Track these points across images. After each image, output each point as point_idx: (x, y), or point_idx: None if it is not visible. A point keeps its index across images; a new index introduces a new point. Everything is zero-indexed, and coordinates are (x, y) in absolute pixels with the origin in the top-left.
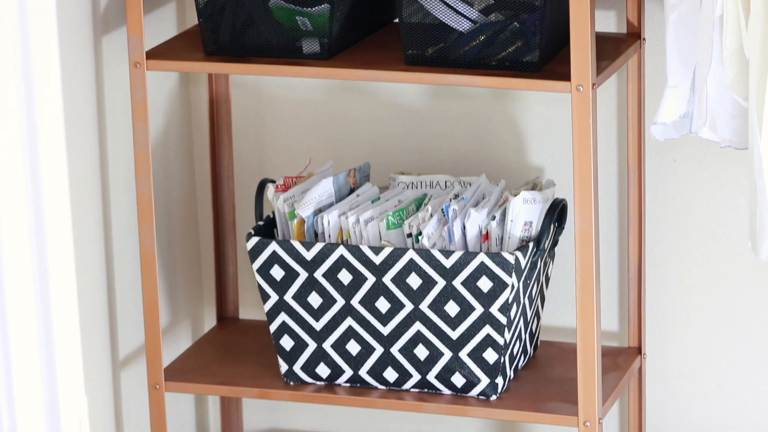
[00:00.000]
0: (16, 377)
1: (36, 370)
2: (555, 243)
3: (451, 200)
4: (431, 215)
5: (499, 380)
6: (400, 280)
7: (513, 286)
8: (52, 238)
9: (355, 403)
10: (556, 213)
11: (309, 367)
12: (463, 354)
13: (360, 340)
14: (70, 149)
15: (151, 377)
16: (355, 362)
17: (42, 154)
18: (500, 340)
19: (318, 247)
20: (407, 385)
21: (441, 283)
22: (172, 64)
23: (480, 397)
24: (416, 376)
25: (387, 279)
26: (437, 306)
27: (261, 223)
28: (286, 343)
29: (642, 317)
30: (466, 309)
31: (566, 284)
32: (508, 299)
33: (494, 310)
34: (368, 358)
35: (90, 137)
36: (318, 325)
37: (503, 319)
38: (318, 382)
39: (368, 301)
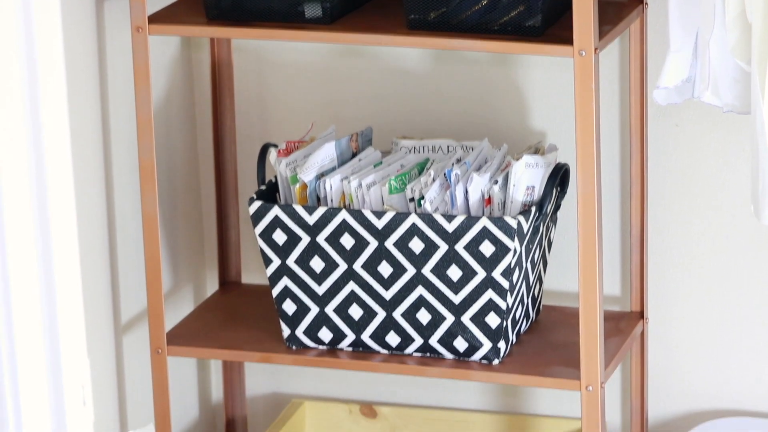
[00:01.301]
0: (19, 343)
1: (39, 335)
2: (557, 207)
3: (453, 165)
4: (434, 180)
5: (502, 344)
6: (402, 244)
7: (515, 251)
8: (54, 203)
9: (357, 368)
10: (559, 177)
11: (311, 332)
12: (466, 318)
13: (362, 304)
14: (73, 114)
15: (154, 342)
16: (358, 326)
17: (44, 119)
18: (502, 305)
19: (320, 211)
20: (409, 350)
21: (443, 247)
22: (174, 28)
23: (482, 361)
24: (418, 341)
25: (389, 243)
26: (439, 270)
27: (263, 187)
28: (289, 307)
29: (644, 282)
30: (468, 273)
31: (569, 249)
32: (510, 264)
33: (496, 274)
34: (370, 323)
35: (92, 102)
36: (320, 290)
37: (505, 284)
38: (320, 347)
39: (370, 266)
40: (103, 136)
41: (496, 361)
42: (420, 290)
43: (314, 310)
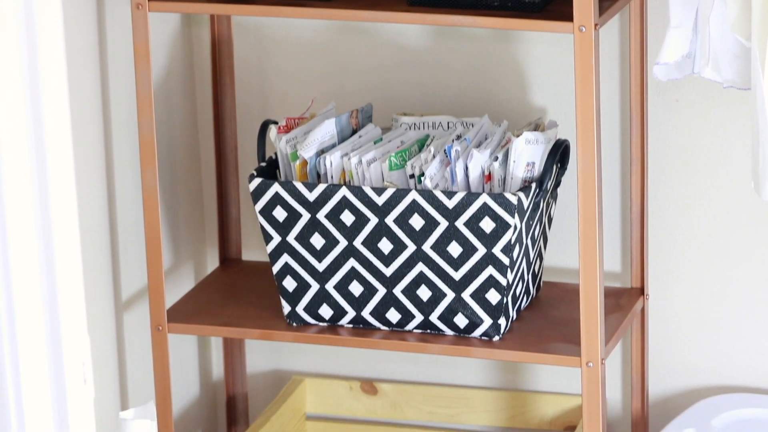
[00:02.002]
0: (19, 320)
1: (39, 312)
2: (557, 184)
3: (453, 141)
4: (434, 156)
5: (502, 321)
6: (402, 221)
7: (515, 227)
8: (54, 180)
9: (357, 344)
10: (559, 154)
11: (311, 309)
12: (466, 295)
13: (362, 281)
14: (73, 92)
15: (154, 319)
16: (358, 303)
17: (43, 97)
18: (503, 281)
19: (320, 188)
20: (410, 326)
21: (443, 223)
22: (174, 5)
23: (483, 337)
24: (419, 317)
25: (389, 220)
26: (440, 247)
27: (263, 164)
28: (289, 284)
29: (644, 258)
30: (468, 250)
31: (569, 225)
32: (510, 240)
33: (497, 250)
34: (371, 299)
35: (92, 79)
36: (320, 266)
37: (506, 260)
38: (320, 323)
39: (371, 242)
40: (103, 114)
41: (496, 338)
42: (420, 267)
43: (314, 286)
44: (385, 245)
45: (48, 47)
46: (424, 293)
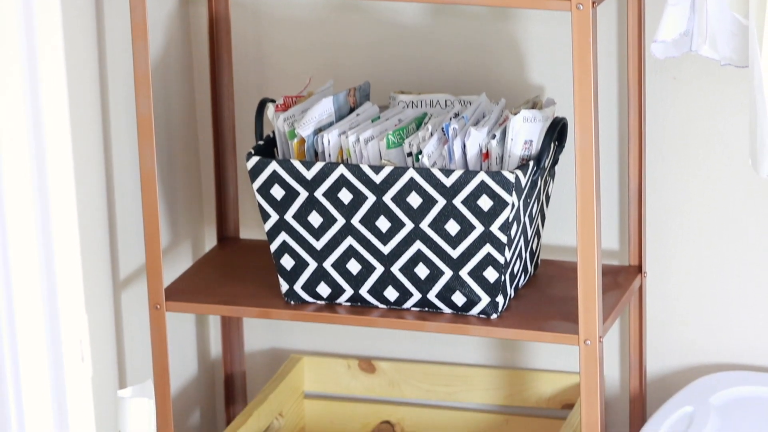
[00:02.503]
0: (17, 298)
1: (37, 291)
2: (555, 162)
3: (451, 119)
4: (431, 134)
5: (500, 299)
6: (400, 199)
7: (513, 205)
8: (52, 158)
9: (355, 322)
10: (557, 131)
11: (309, 287)
12: (464, 273)
13: (360, 259)
14: (70, 70)
15: (152, 297)
16: (356, 281)
17: (41, 75)
18: (500, 259)
19: (318, 166)
20: (408, 304)
21: (441, 202)
22: None
23: (480, 315)
24: (417, 295)
25: (387, 198)
26: (437, 225)
27: (261, 142)
28: (287, 262)
29: (642, 236)
30: (466, 228)
31: (567, 203)
32: (508, 218)
33: (494, 228)
34: (369, 277)
35: (89, 58)
36: (318, 245)
37: (503, 238)
38: (318, 302)
39: (368, 220)
40: (101, 92)
41: (494, 316)
42: (418, 245)
43: (312, 265)
44: (383, 223)
45: (45, 25)
46: (421, 271)
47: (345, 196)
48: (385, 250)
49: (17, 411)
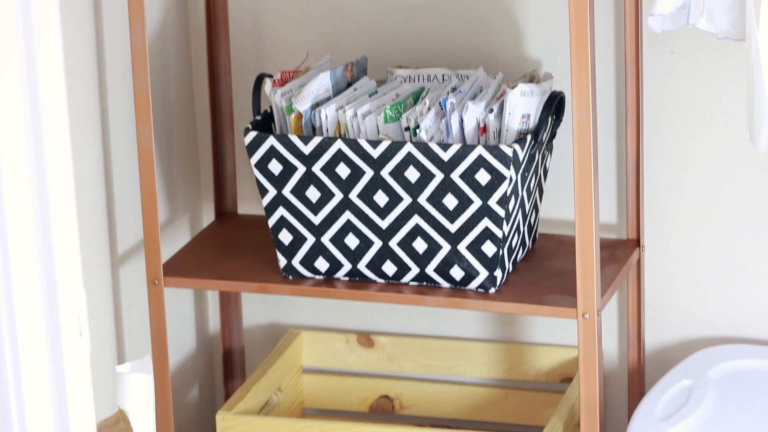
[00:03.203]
0: (15, 274)
1: (34, 267)
2: (553, 136)
3: (448, 93)
4: (429, 108)
5: (498, 273)
6: (398, 173)
7: (511, 179)
8: (49, 134)
9: (354, 297)
10: (554, 105)
11: (308, 262)
12: (462, 247)
13: (358, 233)
14: (67, 46)
15: (150, 273)
16: (354, 256)
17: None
18: (499, 233)
19: (316, 141)
20: (406, 279)
21: (439, 176)
22: None
23: (479, 290)
24: (415, 270)
25: (385, 172)
26: (435, 199)
27: (258, 117)
28: (285, 237)
29: (640, 209)
30: (464, 202)
31: (564, 177)
32: (506, 192)
33: (492, 202)
34: (367, 252)
35: (86, 33)
36: (316, 219)
37: (501, 212)
38: (317, 276)
39: (366, 195)
40: (98, 69)
41: (492, 290)
42: (416, 219)
43: (310, 239)
44: (381, 198)
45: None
46: (420, 246)
47: (343, 170)
48: (384, 224)
49: (15, 387)
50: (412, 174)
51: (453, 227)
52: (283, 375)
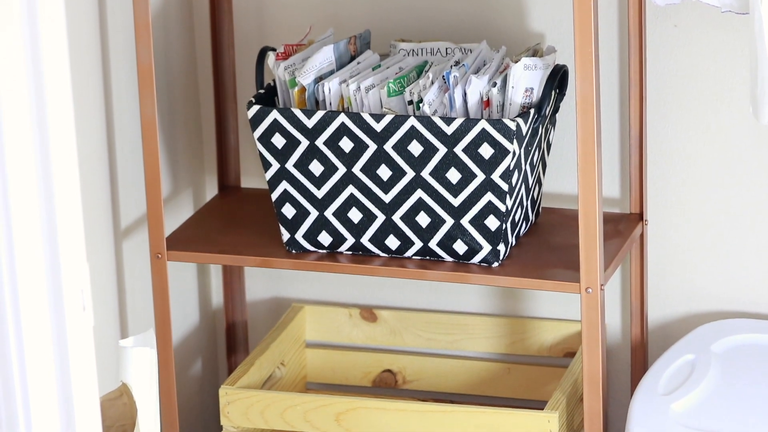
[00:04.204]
0: (18, 248)
1: (38, 241)
2: (556, 109)
3: (451, 67)
4: (432, 82)
5: (501, 247)
6: (401, 147)
7: (514, 153)
8: (52, 107)
9: (357, 271)
10: (557, 79)
11: (311, 236)
12: (465, 221)
13: (362, 207)
14: (70, 19)
15: (153, 247)
16: (357, 230)
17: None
18: (502, 207)
19: (319, 114)
20: (409, 253)
21: (442, 150)
22: None
23: (482, 264)
24: (418, 244)
25: (388, 146)
26: (439, 173)
27: (262, 91)
28: (288, 211)
29: (643, 183)
30: (467, 176)
31: (568, 151)
32: (509, 166)
33: (496, 176)
34: (370, 226)
35: (90, 6)
36: (319, 193)
37: (505, 186)
38: (320, 251)
39: (369, 169)
40: (101, 41)
41: (495, 264)
42: (419, 193)
43: (313, 213)
44: (384, 172)
45: None
46: (423, 220)
47: (346, 144)
48: (387, 198)
49: (19, 361)
50: (415, 148)
51: (456, 201)
52: (286, 349)
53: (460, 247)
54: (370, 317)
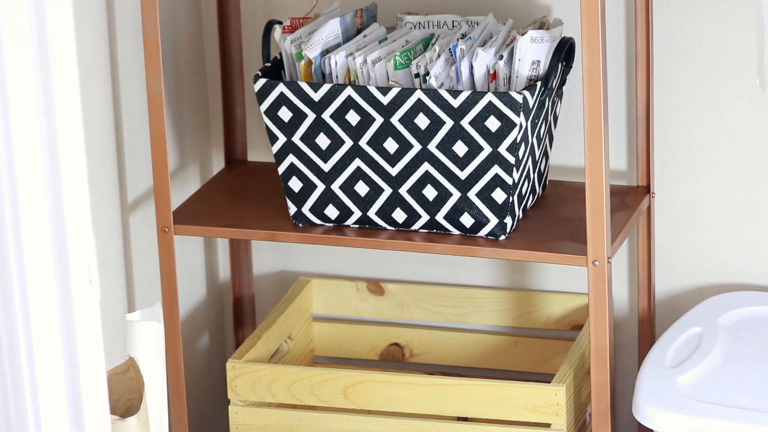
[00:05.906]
0: (24, 220)
1: (44, 214)
2: (563, 82)
3: (458, 40)
4: (439, 55)
5: (508, 220)
6: (408, 120)
7: (521, 126)
8: (58, 82)
9: (363, 245)
10: (564, 52)
11: (317, 209)
12: (472, 194)
13: (368, 181)
14: None
15: (160, 220)
16: (364, 203)
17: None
18: (509, 180)
19: (326, 88)
20: (416, 226)
21: (449, 123)
22: None
23: (489, 237)
24: (425, 217)
25: (395, 119)
26: (445, 146)
27: (268, 64)
28: (295, 184)
29: (650, 156)
30: (474, 149)
31: (575, 124)
32: (516, 139)
33: (502, 149)
34: (377, 199)
35: None
36: (326, 167)
37: (511, 159)
38: (326, 224)
39: (376, 142)
40: (107, 13)
41: (502, 237)
42: (426, 166)
43: (320, 187)
44: (391, 145)
45: None
46: (429, 193)
47: (352, 117)
48: (393, 171)
49: (25, 335)
50: (421, 121)
51: (463, 174)
52: (293, 323)
53: (466, 220)
54: (377, 290)
